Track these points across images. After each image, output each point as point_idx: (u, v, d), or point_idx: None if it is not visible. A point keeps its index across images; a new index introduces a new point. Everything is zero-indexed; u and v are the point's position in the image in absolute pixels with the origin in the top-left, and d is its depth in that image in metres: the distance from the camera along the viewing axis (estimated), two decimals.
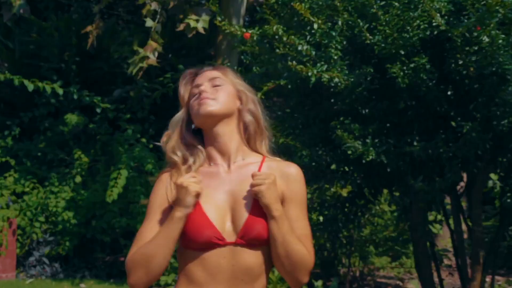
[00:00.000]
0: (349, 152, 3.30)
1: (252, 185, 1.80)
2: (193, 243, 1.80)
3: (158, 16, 6.73)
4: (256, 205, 1.80)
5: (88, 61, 7.82)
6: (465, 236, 4.11)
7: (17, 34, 8.03)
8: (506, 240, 4.48)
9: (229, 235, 1.80)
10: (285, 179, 1.86)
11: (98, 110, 7.22)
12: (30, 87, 6.82)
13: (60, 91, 6.95)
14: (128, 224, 6.79)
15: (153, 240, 1.79)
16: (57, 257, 7.04)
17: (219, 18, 3.84)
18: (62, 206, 6.91)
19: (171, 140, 1.89)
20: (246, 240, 1.80)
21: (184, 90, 1.92)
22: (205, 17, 6.71)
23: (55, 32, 7.80)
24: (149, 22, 6.68)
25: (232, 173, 1.87)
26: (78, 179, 7.12)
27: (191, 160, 1.86)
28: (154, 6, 6.68)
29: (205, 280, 1.80)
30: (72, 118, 7.22)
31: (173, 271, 6.63)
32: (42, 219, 6.94)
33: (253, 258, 1.82)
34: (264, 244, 1.81)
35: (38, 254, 6.96)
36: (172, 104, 7.96)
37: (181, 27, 6.94)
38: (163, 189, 1.88)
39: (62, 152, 7.43)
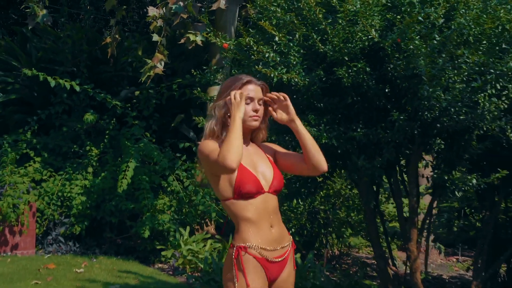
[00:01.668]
0: None
1: (281, 99, 2.87)
2: (246, 193, 2.76)
3: (163, 32, 7.66)
4: (275, 168, 2.89)
5: (98, 65, 8.72)
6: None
7: (35, 41, 8.94)
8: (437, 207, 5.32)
9: (265, 187, 2.80)
10: (274, 147, 2.98)
11: (109, 106, 8.13)
12: (52, 83, 7.73)
13: (77, 88, 7.88)
14: (133, 207, 7.66)
15: (226, 139, 2.68)
16: (71, 236, 7.85)
17: (207, 30, 4.77)
18: (75, 191, 7.73)
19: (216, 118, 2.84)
20: (274, 190, 2.82)
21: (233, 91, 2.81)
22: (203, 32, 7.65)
23: (69, 40, 8.67)
24: (155, 37, 7.62)
25: (251, 150, 2.90)
26: (89, 168, 8.00)
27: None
28: (160, 23, 7.62)
29: (257, 218, 2.78)
30: (88, 116, 8.12)
31: (172, 247, 7.54)
32: (58, 203, 7.74)
33: (275, 201, 2.86)
34: (279, 192, 2.88)
35: (55, 234, 7.77)
36: (173, 104, 8.87)
37: (182, 40, 7.86)
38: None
39: (75, 145, 8.31)
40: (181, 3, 7.50)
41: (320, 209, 7.70)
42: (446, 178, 4.45)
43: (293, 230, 7.65)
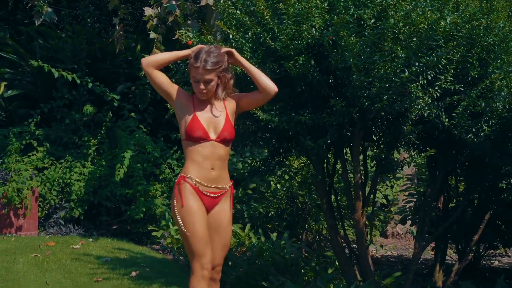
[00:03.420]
0: (262, 121, 4.92)
1: (229, 54, 3.82)
2: (193, 137, 3.64)
3: (159, 29, 8.35)
4: (226, 121, 3.73)
5: (96, 63, 9.44)
6: None
7: (39, 41, 9.70)
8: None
9: (212, 136, 3.63)
10: (237, 96, 3.86)
11: (107, 99, 8.86)
12: (56, 74, 8.47)
13: (78, 80, 8.62)
14: (128, 193, 8.38)
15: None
16: (70, 220, 8.52)
17: (182, 29, 5.48)
18: (74, 178, 8.42)
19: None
20: (221, 139, 3.67)
21: (190, 68, 3.73)
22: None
23: (69, 40, 9.44)
24: (152, 34, 8.29)
25: (212, 105, 3.77)
26: (87, 157, 8.77)
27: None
28: (156, 21, 8.31)
29: (200, 159, 3.69)
30: (88, 108, 8.85)
31: (162, 229, 8.26)
32: (58, 189, 8.42)
33: (223, 150, 3.72)
34: (229, 142, 3.74)
35: (56, 217, 8.45)
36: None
37: (177, 36, 8.52)
38: (184, 96, 3.80)
39: (75, 136, 9.01)
40: (174, 2, 8.16)
41: (299, 194, 8.38)
42: (383, 156, 5.14)
43: (272, 213, 8.33)
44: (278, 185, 8.30)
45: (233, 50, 3.88)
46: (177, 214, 3.64)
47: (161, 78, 3.78)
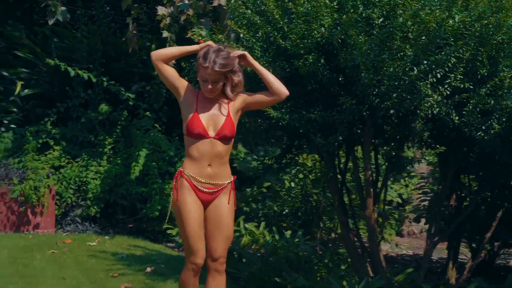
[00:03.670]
0: (273, 118, 4.99)
1: (241, 57, 3.89)
2: (192, 134, 3.74)
3: (172, 28, 8.43)
4: (227, 119, 3.79)
5: (111, 63, 9.55)
6: None
7: (55, 41, 9.83)
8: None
9: (211, 133, 3.73)
10: (244, 96, 3.89)
11: (122, 98, 8.96)
12: (72, 73, 8.57)
13: (94, 79, 8.74)
14: (143, 191, 8.48)
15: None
16: (87, 217, 8.63)
17: (194, 28, 5.56)
18: (90, 177, 8.54)
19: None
20: (219, 137, 3.74)
21: (198, 68, 3.78)
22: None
23: (85, 40, 9.56)
24: (165, 33, 8.37)
25: (215, 103, 3.84)
26: (103, 156, 8.88)
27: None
28: (169, 20, 8.39)
29: (198, 156, 3.77)
30: (103, 107, 8.98)
31: (177, 226, 8.33)
32: (75, 187, 8.54)
33: (221, 147, 3.79)
34: (229, 140, 3.80)
35: (72, 215, 8.57)
36: None
37: (189, 35, 8.61)
38: (191, 91, 3.87)
39: (90, 135, 9.12)
40: (187, 1, 8.23)
41: (313, 192, 8.44)
42: (393, 154, 5.19)
43: (286, 211, 8.39)
44: (293, 184, 8.36)
45: (246, 53, 3.94)
46: (171, 207, 3.78)
47: (170, 72, 3.86)
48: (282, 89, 3.96)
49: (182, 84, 3.89)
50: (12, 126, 9.51)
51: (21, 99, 9.67)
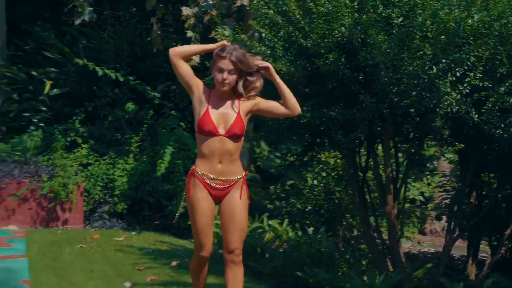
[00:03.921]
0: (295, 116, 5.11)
1: (265, 69, 4.06)
2: (203, 131, 3.89)
3: (196, 28, 8.60)
4: (237, 118, 3.94)
5: (137, 63, 9.74)
6: None
7: (82, 42, 10.05)
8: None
9: (221, 131, 3.88)
10: (256, 101, 4.05)
11: (148, 97, 9.15)
12: (100, 72, 8.79)
13: (121, 79, 8.94)
14: (169, 188, 8.65)
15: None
16: (114, 214, 8.78)
17: (218, 28, 5.71)
18: (117, 174, 8.71)
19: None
20: (229, 135, 3.89)
21: (215, 59, 3.97)
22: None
23: (111, 40, 9.76)
24: (189, 33, 8.54)
25: (227, 102, 3.97)
26: (129, 154, 9.07)
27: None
28: (193, 20, 8.56)
29: (208, 153, 3.93)
30: (130, 105, 9.18)
31: None
32: (102, 184, 8.71)
33: (231, 145, 3.94)
34: (239, 137, 3.94)
35: (100, 211, 8.76)
36: None
37: (213, 34, 8.78)
38: (203, 90, 4.04)
39: (117, 133, 9.31)
40: (210, 1, 8.39)
41: (336, 190, 8.55)
42: (413, 151, 5.29)
43: (309, 208, 8.51)
44: (315, 181, 8.48)
45: (270, 66, 4.10)
46: (183, 203, 3.96)
47: (186, 69, 4.02)
48: (296, 106, 4.15)
49: (196, 82, 4.05)
50: (41, 124, 9.76)
51: (50, 99, 9.90)
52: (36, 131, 9.37)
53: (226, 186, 3.94)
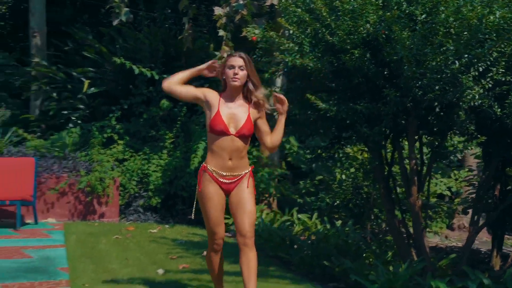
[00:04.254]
0: (322, 110, 5.32)
1: (281, 101, 4.36)
2: (215, 131, 4.14)
3: (228, 28, 8.85)
4: (247, 120, 4.19)
5: (171, 62, 10.05)
6: None
7: (120, 42, 10.39)
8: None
9: (232, 131, 4.10)
10: (260, 114, 4.29)
11: None
12: (136, 70, 9.15)
13: (156, 77, 9.24)
14: None
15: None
16: (149, 208, 9.13)
17: (249, 27, 5.93)
18: (152, 169, 9.05)
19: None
20: (239, 134, 4.14)
21: (225, 60, 4.30)
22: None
23: (147, 40, 10.08)
24: (221, 32, 8.80)
25: (237, 104, 4.21)
26: (164, 150, 9.35)
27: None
28: (225, 20, 8.82)
29: (219, 150, 4.19)
30: (164, 102, 9.48)
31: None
32: (137, 178, 9.06)
33: (241, 143, 4.19)
34: (247, 137, 4.20)
35: (135, 205, 9.11)
36: None
37: (244, 33, 9.02)
38: (212, 95, 4.31)
39: (152, 130, 9.63)
40: (241, 1, 8.63)
41: (364, 185, 8.71)
42: (436, 143, 5.45)
43: (338, 202, 8.69)
44: (344, 176, 8.66)
45: (286, 102, 4.39)
46: (196, 197, 4.32)
47: (185, 90, 4.37)
48: (277, 145, 4.44)
49: (200, 91, 4.36)
50: (79, 122, 10.12)
51: (87, 97, 10.26)
52: (74, 128, 9.73)
53: (235, 180, 4.23)
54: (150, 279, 5.26)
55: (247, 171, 4.29)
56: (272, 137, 4.36)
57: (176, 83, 4.35)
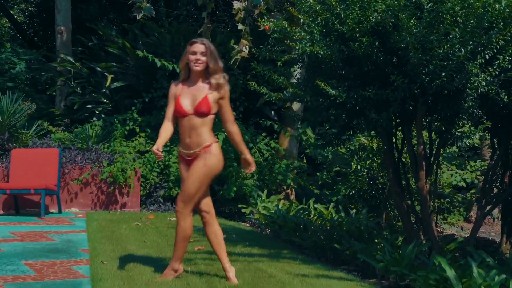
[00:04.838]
0: (331, 96, 5.52)
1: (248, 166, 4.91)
2: (177, 114, 4.60)
3: (246, 21, 9.07)
4: (204, 98, 4.54)
5: None
6: None
7: (142, 38, 10.67)
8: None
9: (189, 110, 4.50)
10: (222, 94, 4.62)
11: None
12: (158, 63, 9.39)
13: (177, 70, 9.46)
14: (220, 174, 9.13)
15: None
16: (169, 198, 9.35)
17: (265, 18, 6.15)
18: (172, 161, 9.24)
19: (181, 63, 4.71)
20: (195, 112, 4.53)
21: (188, 47, 4.67)
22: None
23: (168, 36, 10.35)
24: (240, 26, 9.02)
25: (198, 86, 4.56)
26: None
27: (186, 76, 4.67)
28: (243, 14, 9.04)
29: (182, 131, 4.64)
30: None
31: (251, 206, 8.95)
32: (158, 170, 9.29)
33: (197, 121, 4.56)
34: (205, 115, 4.54)
35: (156, 195, 9.36)
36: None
37: (262, 27, 9.25)
38: (173, 90, 4.64)
39: None
40: None
41: (379, 175, 8.88)
42: (443, 129, 5.62)
43: (353, 192, 8.87)
44: (359, 166, 8.83)
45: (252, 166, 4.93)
46: None
47: (171, 115, 4.72)
48: (232, 131, 4.79)
49: (171, 98, 4.72)
50: (102, 115, 10.40)
51: (110, 91, 10.54)
52: (97, 121, 9.99)
53: (192, 157, 4.60)
54: (167, 258, 5.48)
55: (203, 147, 4.57)
56: (233, 129, 4.73)
57: (166, 129, 4.70)
